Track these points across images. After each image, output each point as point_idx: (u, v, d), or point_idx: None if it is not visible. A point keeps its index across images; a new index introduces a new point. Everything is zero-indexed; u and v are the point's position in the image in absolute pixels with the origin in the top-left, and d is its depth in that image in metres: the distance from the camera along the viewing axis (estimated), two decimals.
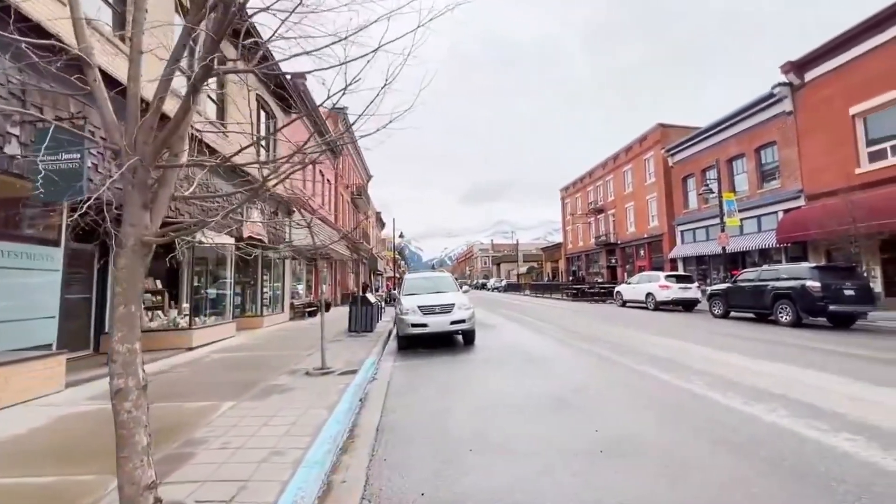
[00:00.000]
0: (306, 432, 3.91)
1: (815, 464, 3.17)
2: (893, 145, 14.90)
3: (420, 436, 4.01)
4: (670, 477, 3.03)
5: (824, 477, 2.97)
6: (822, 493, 2.75)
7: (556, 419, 4.33)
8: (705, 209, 23.86)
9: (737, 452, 3.41)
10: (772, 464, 3.19)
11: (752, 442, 3.61)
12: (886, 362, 6.73)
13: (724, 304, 14.12)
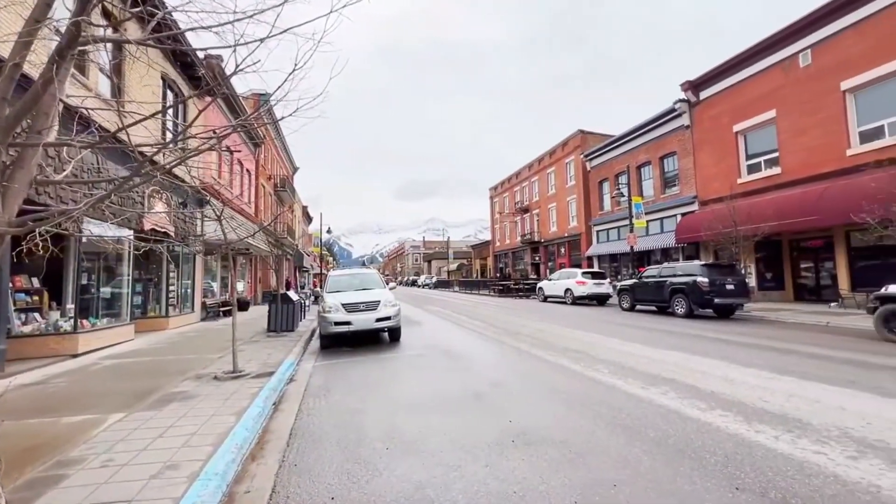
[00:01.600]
0: (208, 442, 3.61)
1: (694, 440, 3.58)
2: (766, 159, 17.30)
3: (335, 438, 3.89)
4: (571, 460, 3.23)
5: (699, 450, 3.36)
6: (697, 465, 3.11)
7: (473, 413, 4.44)
8: (618, 211, 25.95)
9: (631, 434, 3.74)
10: (658, 443, 3.53)
11: (644, 424, 3.97)
12: (754, 347, 7.80)
13: (631, 299, 15.49)
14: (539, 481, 2.92)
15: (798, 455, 3.23)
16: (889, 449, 3.30)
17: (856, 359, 6.60)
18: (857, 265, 14.36)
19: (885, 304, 8.31)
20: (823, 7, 14.89)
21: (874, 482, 2.80)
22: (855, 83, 14.15)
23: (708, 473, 2.99)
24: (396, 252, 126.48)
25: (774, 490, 2.74)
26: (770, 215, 14.91)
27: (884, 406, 4.29)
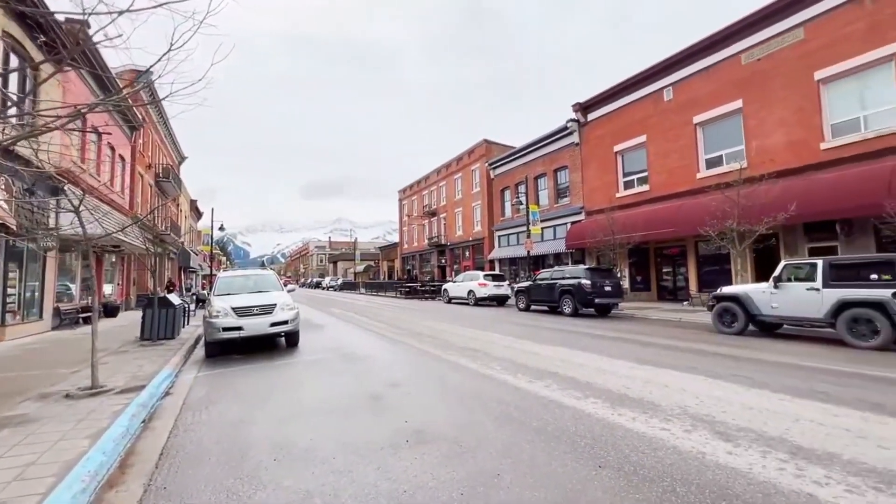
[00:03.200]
0: (50, 472, 3.09)
1: (569, 426, 3.98)
2: (638, 177, 19.89)
3: (216, 454, 3.59)
4: (460, 455, 3.39)
5: (573, 435, 3.76)
6: (569, 449, 3.47)
7: (369, 416, 4.42)
8: (517, 218, 27.73)
9: (516, 425, 4.04)
10: (539, 431, 3.87)
11: (528, 415, 4.32)
12: (624, 341, 8.92)
13: (527, 299, 16.68)
14: (429, 478, 3.02)
15: (649, 432, 3.78)
16: (714, 422, 4.02)
17: (697, 348, 7.91)
18: (703, 270, 17.20)
19: (720, 302, 10.09)
20: (680, 53, 17.62)
21: (700, 450, 3.40)
22: (703, 118, 16.97)
23: (578, 455, 3.35)
24: (300, 252, 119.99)
25: (628, 464, 3.17)
26: (640, 226, 17.17)
27: (713, 386, 5.22)
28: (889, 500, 2.59)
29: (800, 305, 8.66)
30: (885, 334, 7.39)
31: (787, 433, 3.69)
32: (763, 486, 2.81)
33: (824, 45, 13.51)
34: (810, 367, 6.22)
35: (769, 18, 14.91)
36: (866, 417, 4.04)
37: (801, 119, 14.05)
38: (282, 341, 9.31)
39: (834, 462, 3.13)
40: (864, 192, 11.29)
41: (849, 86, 13.17)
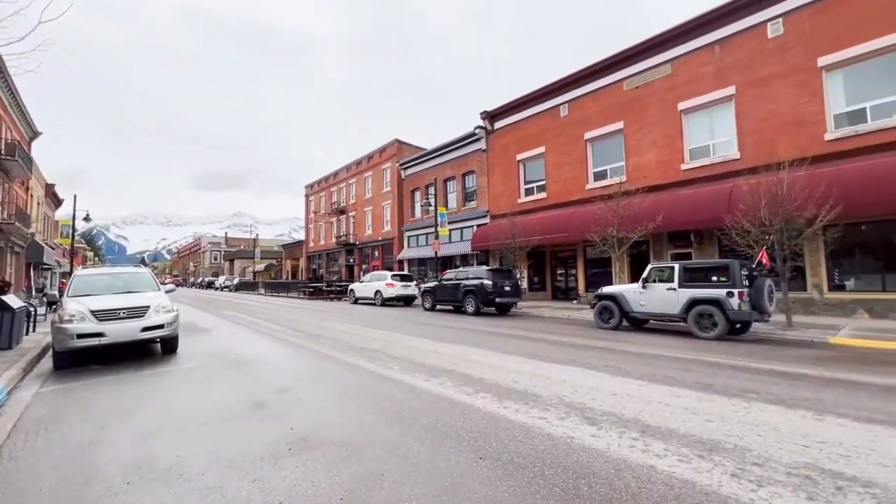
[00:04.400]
0: None
1: (457, 421, 4.12)
2: (537, 185, 21.40)
3: (50, 483, 3.06)
4: (346, 458, 3.32)
5: (460, 431, 3.89)
6: (455, 444, 3.58)
7: (250, 425, 4.12)
8: (426, 219, 28.09)
9: (407, 424, 4.07)
10: (429, 429, 3.95)
11: (420, 413, 4.38)
12: (518, 337, 9.51)
13: (432, 299, 16.97)
14: (309, 485, 2.90)
15: (528, 422, 4.07)
16: (584, 408, 4.46)
17: (579, 343, 8.73)
18: (590, 272, 19.06)
19: (600, 300, 11.27)
20: (574, 74, 19.37)
21: (570, 434, 3.74)
22: (592, 135, 18.83)
23: (462, 449, 3.48)
24: (190, 248, 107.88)
25: (507, 453, 3.37)
26: (538, 230, 18.48)
27: (587, 377, 5.79)
28: (707, 465, 3.11)
29: (662, 303, 10.02)
30: (721, 326, 8.88)
31: (640, 414, 4.23)
32: (616, 462, 3.19)
33: (685, 81, 15.85)
34: (665, 356, 7.23)
35: (645, 53, 17.06)
36: (700, 397, 4.80)
37: (668, 142, 16.30)
38: (157, 347, 8.28)
39: (672, 436, 3.66)
40: (711, 207, 13.46)
41: (702, 117, 15.61)
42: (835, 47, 12.60)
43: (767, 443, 3.49)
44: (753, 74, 14.16)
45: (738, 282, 8.90)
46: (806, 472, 2.98)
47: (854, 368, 6.23)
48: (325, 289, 27.64)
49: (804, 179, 10.30)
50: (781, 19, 13.66)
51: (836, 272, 12.64)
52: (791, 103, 13.35)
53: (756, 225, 10.22)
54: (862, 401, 4.62)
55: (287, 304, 22.29)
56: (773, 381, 5.48)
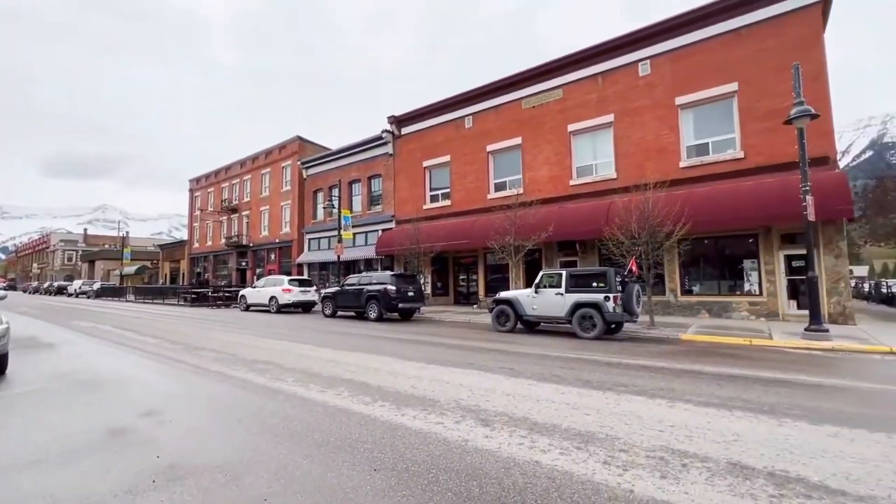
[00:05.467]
0: None
1: (353, 433, 3.97)
2: (442, 193, 21.92)
3: None
4: (224, 485, 2.99)
5: (355, 443, 3.75)
6: (348, 457, 3.44)
7: (103, 458, 3.50)
8: (329, 221, 27.04)
9: (296, 441, 3.81)
10: (320, 444, 3.74)
11: (312, 428, 4.13)
12: (420, 342, 9.57)
13: (333, 305, 16.34)
14: None
15: (425, 428, 4.08)
16: (479, 411, 4.61)
17: (477, 346, 9.08)
18: (490, 277, 20.00)
19: (498, 305, 11.87)
20: (478, 89, 20.35)
21: (465, 437, 3.83)
22: (494, 148, 19.88)
23: (356, 462, 3.35)
24: (35, 246, 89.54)
25: (402, 462, 3.33)
26: (442, 237, 18.89)
27: (483, 379, 6.03)
28: (583, 455, 3.41)
29: (551, 306, 10.88)
30: (600, 327, 9.92)
31: (529, 413, 4.51)
32: (506, 461, 3.34)
33: (574, 106, 17.56)
34: (553, 356, 7.84)
35: (541, 76, 18.55)
36: (580, 392, 5.29)
37: (559, 160, 17.87)
38: None
39: (556, 431, 3.95)
40: (593, 220, 15.04)
41: (587, 139, 17.42)
42: (687, 90, 15.01)
43: (632, 430, 3.95)
44: (628, 105, 16.23)
45: (613, 287, 10.05)
46: (661, 453, 3.43)
47: (698, 360, 7.40)
48: (212, 295, 25.00)
49: (665, 199, 12.03)
50: (649, 61, 15.89)
51: (686, 279, 14.97)
52: (656, 133, 15.56)
53: (628, 237, 11.67)
54: (702, 388, 5.49)
55: (164, 313, 19.66)
56: (638, 375, 6.26)
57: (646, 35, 15.93)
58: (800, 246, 12.43)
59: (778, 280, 13.28)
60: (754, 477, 3.01)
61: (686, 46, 15.14)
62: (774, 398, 4.99)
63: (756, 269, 13.74)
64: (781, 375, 6.23)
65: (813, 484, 2.90)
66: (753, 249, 13.80)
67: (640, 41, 16.08)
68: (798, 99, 9.92)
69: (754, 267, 13.80)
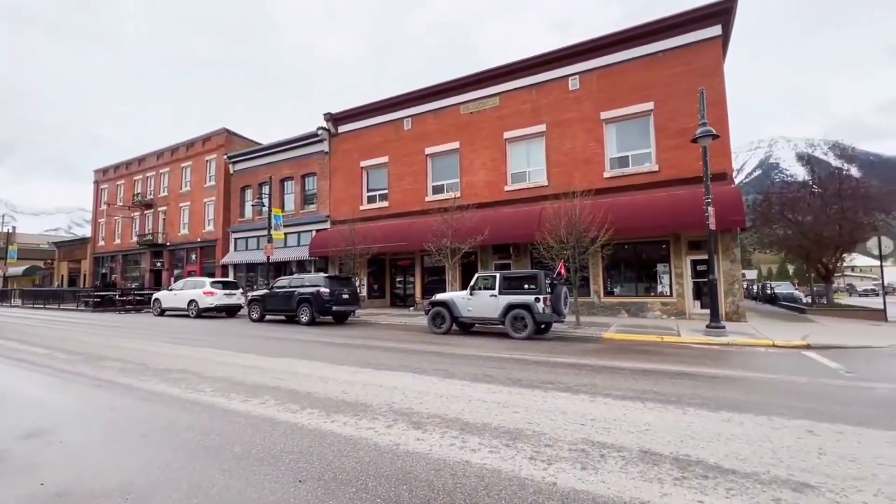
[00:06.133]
0: None
1: (278, 443, 3.75)
2: (380, 194, 21.65)
3: None
4: None
5: (280, 453, 3.55)
6: (272, 469, 3.24)
7: None
8: (258, 220, 25.58)
9: (213, 455, 3.52)
10: (241, 457, 3.49)
11: (232, 440, 3.85)
12: (353, 346, 9.34)
13: (262, 309, 15.45)
14: None
15: (356, 435, 3.97)
16: (412, 413, 4.58)
17: (412, 348, 9.05)
18: (427, 279, 20.07)
19: (434, 306, 11.93)
20: (417, 92, 20.42)
21: (396, 441, 3.78)
22: (432, 151, 20.01)
23: (280, 474, 3.17)
24: None
25: (330, 471, 3.21)
26: (379, 238, 18.64)
27: (417, 381, 6.01)
28: (511, 452, 3.51)
29: (485, 308, 11.14)
30: (531, 327, 10.33)
31: (461, 413, 4.57)
32: (437, 462, 3.34)
33: (510, 114, 18.20)
34: (486, 357, 8.03)
35: (480, 83, 19.01)
36: (510, 391, 5.46)
37: (495, 165, 18.40)
38: None
39: (486, 430, 4.04)
40: (526, 225, 15.66)
41: (522, 147, 18.13)
42: (611, 106, 16.19)
43: (557, 425, 4.15)
44: (559, 117, 17.13)
45: (543, 289, 10.52)
46: (582, 446, 3.63)
47: (617, 357, 7.97)
48: (119, 298, 22.55)
49: (590, 207, 12.84)
50: (579, 77, 16.91)
51: (609, 281, 16.09)
52: (583, 144, 16.58)
53: (557, 242, 12.30)
54: (620, 383, 5.91)
55: (60, 319, 17.37)
56: (564, 372, 6.60)
57: (575, 52, 16.95)
58: (703, 252, 13.87)
59: (685, 282, 14.72)
60: (662, 462, 3.28)
61: (611, 65, 16.33)
62: (680, 389, 5.50)
63: (667, 273, 15.12)
64: (686, 369, 6.89)
65: (710, 465, 3.23)
66: (665, 254, 15.18)
67: (570, 57, 17.06)
68: (702, 121, 11.09)
69: (666, 271, 15.18)
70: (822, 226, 18.26)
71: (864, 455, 3.39)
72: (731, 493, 2.80)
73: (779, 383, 5.98)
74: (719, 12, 14.64)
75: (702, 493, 2.80)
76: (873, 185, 19.01)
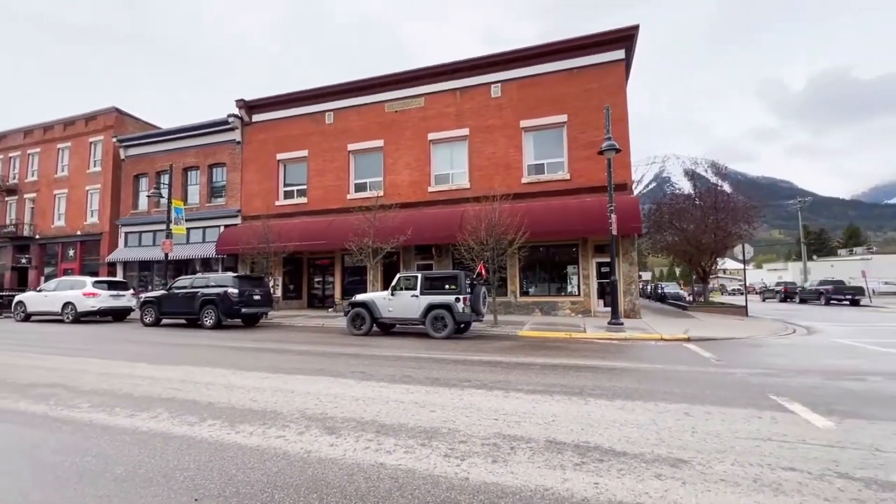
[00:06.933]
0: None
1: (170, 461, 3.38)
2: (298, 189, 20.61)
3: None
4: None
5: (173, 471, 3.20)
6: (162, 490, 2.91)
7: None
8: (156, 213, 22.97)
9: (89, 480, 3.08)
10: (124, 479, 3.09)
11: (114, 461, 3.40)
12: (264, 350, 8.77)
13: (157, 312, 13.89)
14: None
15: (263, 444, 3.72)
16: (326, 418, 4.41)
17: (330, 351, 8.74)
18: (348, 280, 19.52)
19: (354, 308, 11.64)
20: (339, 86, 19.81)
21: (308, 449, 3.61)
22: (356, 147, 19.53)
23: (172, 494, 2.87)
24: None
25: (231, 486, 2.97)
26: (296, 236, 17.74)
27: (332, 385, 5.81)
28: (427, 451, 3.53)
29: (407, 309, 11.13)
30: (450, 327, 10.53)
31: (378, 415, 4.50)
32: (350, 467, 3.25)
33: (435, 115, 18.39)
34: (406, 357, 8.02)
35: (405, 82, 18.95)
36: (428, 391, 5.50)
37: (419, 166, 18.47)
38: None
39: (402, 431, 4.02)
40: (448, 226, 15.94)
41: (445, 149, 18.42)
42: (530, 115, 17.09)
43: (471, 422, 4.27)
44: (482, 122, 17.69)
45: (463, 289, 10.78)
46: (494, 440, 3.78)
47: (530, 353, 8.43)
48: None
49: (509, 211, 13.43)
50: (500, 85, 17.61)
51: (525, 282, 16.96)
52: (504, 150, 17.29)
53: (478, 243, 12.68)
54: (532, 378, 6.25)
55: None
56: (481, 369, 6.82)
57: (498, 61, 17.63)
58: (606, 255, 15.21)
59: (591, 283, 16.03)
60: (565, 450, 3.53)
61: (531, 77, 17.24)
62: (584, 382, 5.97)
63: (576, 274, 16.35)
64: (590, 362, 7.50)
65: (605, 449, 3.54)
66: (575, 257, 16.40)
67: (493, 65, 17.71)
68: (608, 135, 12.15)
69: (575, 272, 16.40)
70: (701, 233, 20.99)
71: (726, 431, 3.95)
72: (622, 472, 3.09)
73: (665, 372, 6.76)
74: (622, 38, 16.18)
75: (598, 475, 3.06)
76: (740, 200, 22.31)
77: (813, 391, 5.45)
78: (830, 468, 3.16)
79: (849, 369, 6.98)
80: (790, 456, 3.38)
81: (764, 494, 2.77)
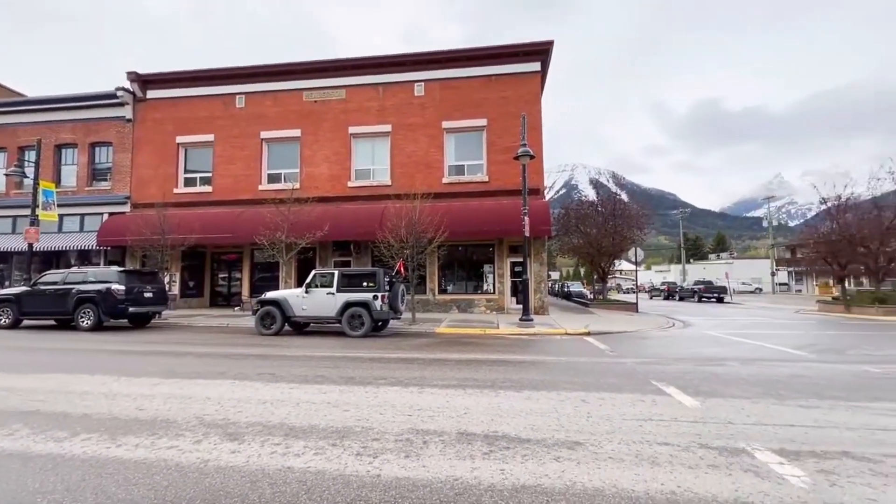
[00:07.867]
0: None
1: (30, 483, 2.91)
2: (202, 176, 18.81)
3: None
4: None
5: (34, 494, 2.76)
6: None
7: None
8: (16, 195, 19.43)
9: None
10: None
11: None
12: (156, 354, 7.90)
13: (16, 312, 11.76)
14: None
15: (151, 457, 3.36)
16: (228, 424, 4.11)
17: (234, 352, 8.14)
18: (257, 276, 18.28)
19: (263, 306, 10.95)
20: (253, 68, 18.50)
21: (205, 458, 3.34)
22: (270, 135, 18.35)
23: None
24: None
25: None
26: (198, 228, 16.16)
27: (237, 388, 5.42)
28: (338, 451, 3.46)
29: (322, 307, 10.73)
30: (367, 325, 10.37)
31: (286, 418, 4.30)
32: (254, 474, 3.07)
33: (356, 109, 17.95)
34: (319, 356, 7.74)
35: (325, 72, 18.23)
36: (342, 390, 5.38)
37: (339, 159, 17.89)
38: None
39: (313, 432, 3.89)
40: (368, 223, 15.67)
41: (367, 144, 18.07)
42: (452, 117, 17.43)
43: (385, 419, 4.26)
44: (404, 120, 17.64)
45: (382, 287, 10.69)
46: (408, 435, 3.81)
47: (446, 350, 8.62)
48: None
49: (429, 209, 13.57)
50: (424, 84, 17.72)
51: (443, 280, 17.28)
52: (426, 149, 17.43)
53: (397, 241, 12.64)
54: (447, 373, 6.41)
55: None
56: (397, 367, 6.82)
57: (421, 60, 17.72)
58: (520, 255, 16.06)
59: (505, 281, 16.82)
60: (475, 441, 3.68)
61: (453, 79, 17.58)
62: (495, 375, 6.26)
63: (492, 273, 17.05)
64: (502, 357, 7.89)
65: (512, 437, 3.76)
66: (491, 256, 17.09)
67: (416, 64, 17.76)
68: (523, 142, 12.84)
69: (491, 271, 17.09)
70: (602, 237, 23.11)
71: (615, 414, 4.42)
72: (526, 458, 3.32)
73: (567, 364, 7.34)
74: (538, 51, 17.21)
75: (504, 462, 3.24)
76: (634, 208, 24.96)
77: (685, 376, 6.30)
78: (694, 441, 3.69)
79: (714, 356, 8.18)
80: (665, 433, 3.88)
81: (643, 467, 3.16)
